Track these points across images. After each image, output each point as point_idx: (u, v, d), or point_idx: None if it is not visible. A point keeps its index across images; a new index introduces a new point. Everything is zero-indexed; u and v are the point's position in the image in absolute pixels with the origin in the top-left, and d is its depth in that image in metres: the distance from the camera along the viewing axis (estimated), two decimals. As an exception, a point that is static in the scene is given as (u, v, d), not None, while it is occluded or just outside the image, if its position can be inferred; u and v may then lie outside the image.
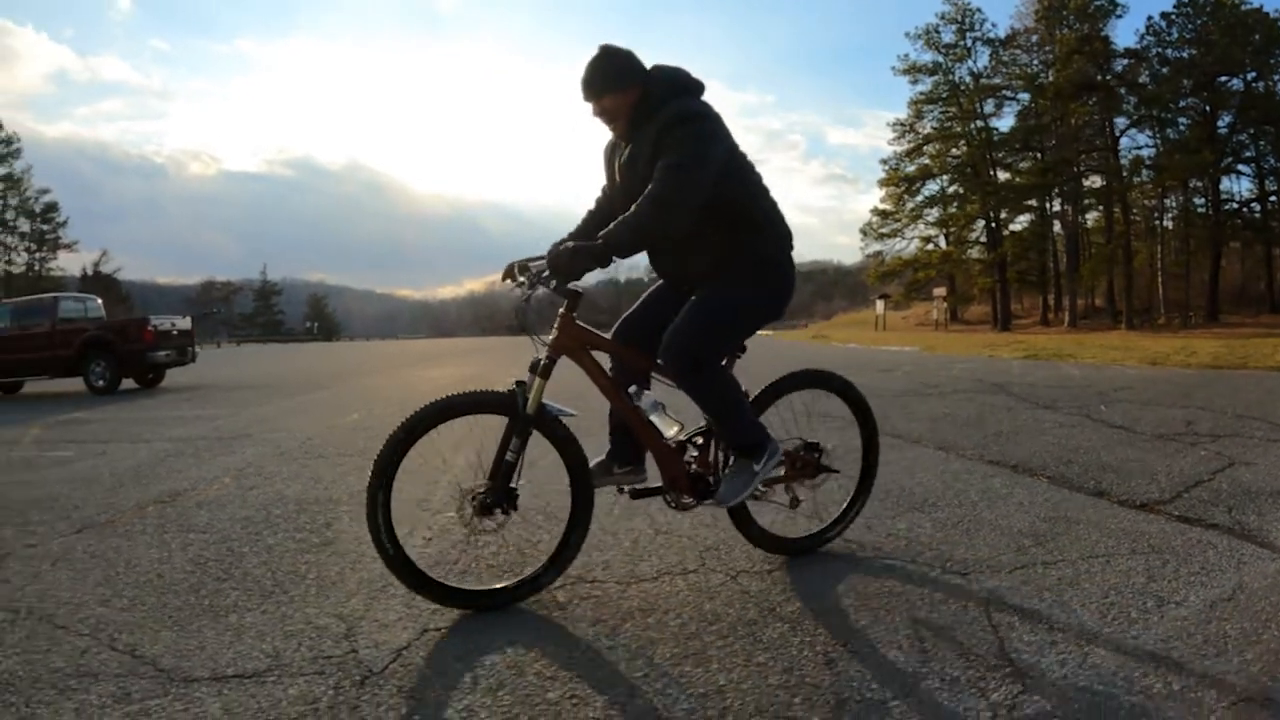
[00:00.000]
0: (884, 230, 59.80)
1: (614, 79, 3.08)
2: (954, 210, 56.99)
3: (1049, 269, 55.47)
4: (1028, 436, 6.68)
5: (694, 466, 3.29)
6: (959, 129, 55.40)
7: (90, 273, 67.08)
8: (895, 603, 3.02)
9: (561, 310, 3.06)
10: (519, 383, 2.99)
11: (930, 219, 58.71)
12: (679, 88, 3.11)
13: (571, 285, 2.99)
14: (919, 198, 58.55)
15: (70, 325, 16.06)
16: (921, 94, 56.86)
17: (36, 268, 64.47)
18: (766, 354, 21.83)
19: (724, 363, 3.24)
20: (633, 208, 2.88)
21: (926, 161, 57.56)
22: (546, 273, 2.92)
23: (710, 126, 3.01)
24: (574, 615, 3.00)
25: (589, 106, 3.14)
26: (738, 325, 3.21)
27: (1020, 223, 54.75)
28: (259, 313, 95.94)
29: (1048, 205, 52.58)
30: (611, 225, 2.89)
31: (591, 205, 3.52)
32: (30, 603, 3.32)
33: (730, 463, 3.29)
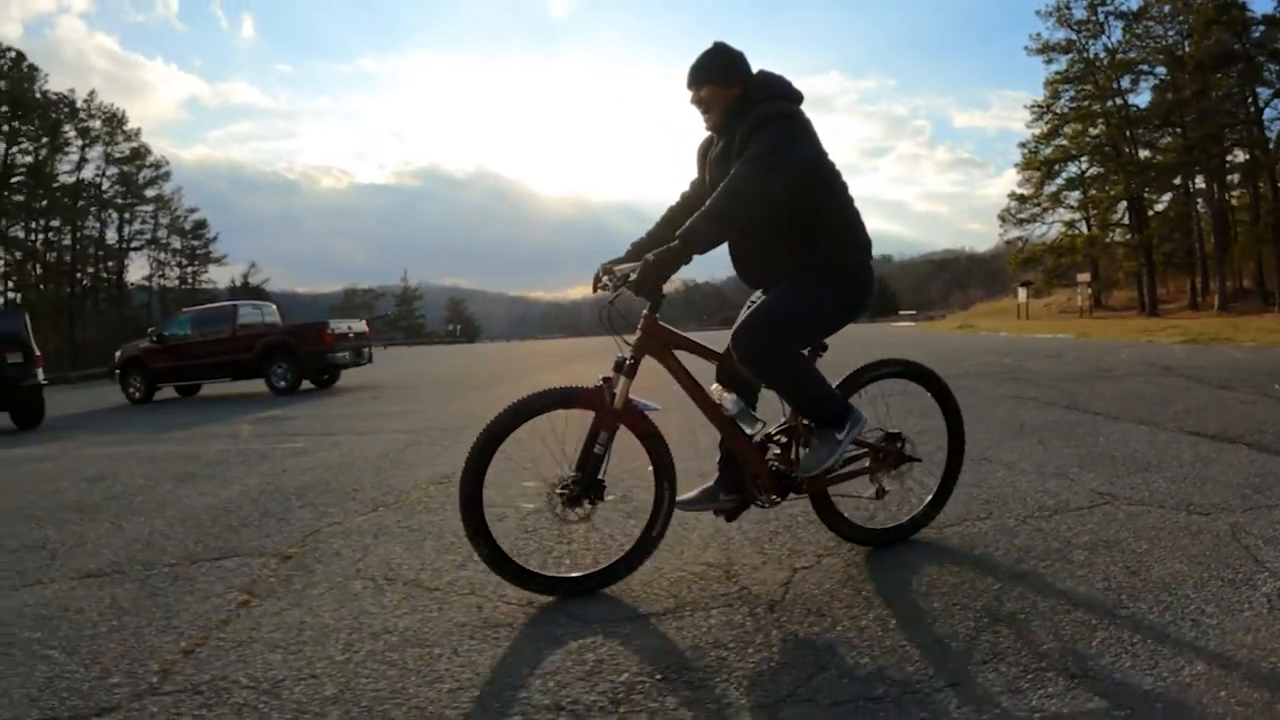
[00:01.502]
0: (1022, 215, 57.76)
1: (718, 72, 3.20)
2: (1095, 192, 54.69)
3: (1194, 250, 52.63)
4: (1214, 412, 6.93)
5: (776, 464, 3.32)
6: (1096, 107, 53.08)
7: (239, 284, 70.51)
8: (1164, 537, 3.49)
9: (645, 311, 3.15)
10: (605, 379, 3.10)
11: (1071, 202, 56.46)
12: (777, 92, 3.20)
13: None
14: (1059, 181, 56.37)
15: (249, 330, 17.12)
16: (1057, 74, 54.60)
17: (189, 281, 68.61)
18: (916, 344, 21.48)
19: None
20: (708, 201, 2.96)
21: (1064, 143, 55.39)
22: (634, 277, 2.96)
23: (798, 129, 3.07)
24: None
25: (689, 95, 3.27)
26: (809, 321, 3.20)
27: (1163, 202, 52.09)
28: (401, 317, 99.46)
29: (1191, 184, 49.92)
30: (688, 221, 2.96)
31: (675, 200, 3.63)
32: (383, 570, 3.61)
33: (811, 438, 3.30)
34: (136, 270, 67.08)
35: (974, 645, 2.48)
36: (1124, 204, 52.73)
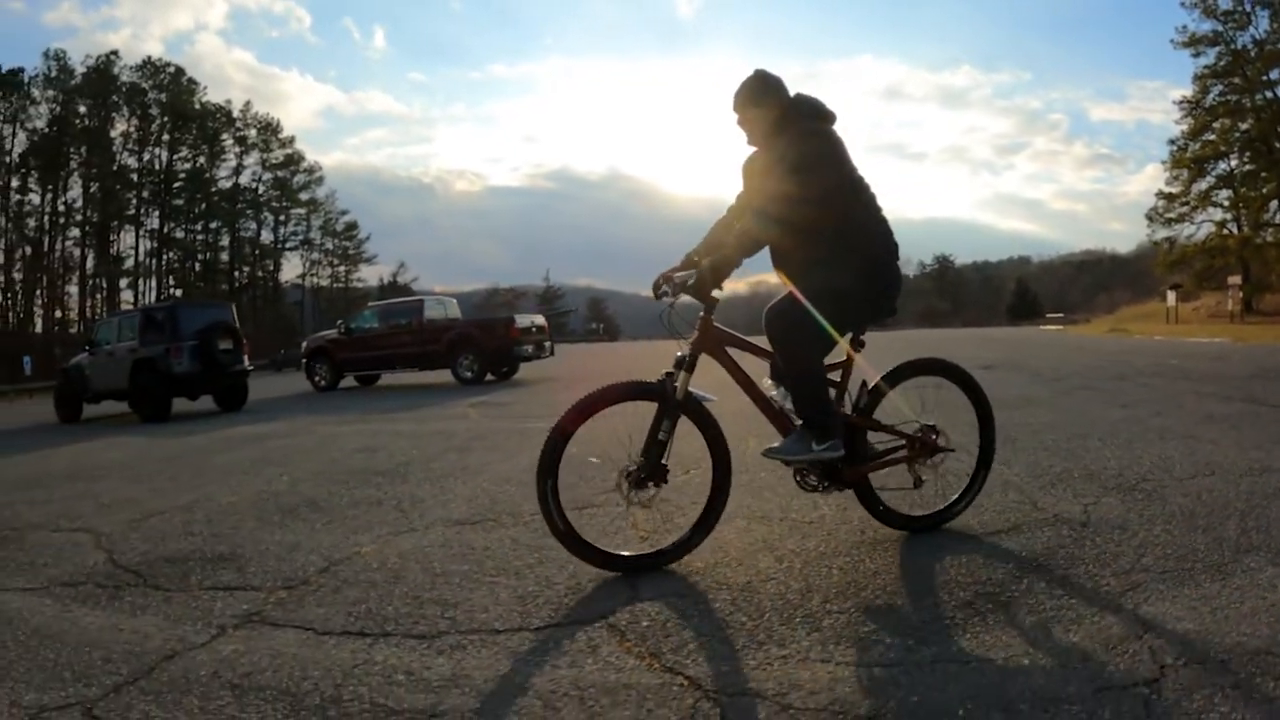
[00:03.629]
0: (1170, 215, 54.99)
1: (757, 96, 3.56)
2: (1246, 191, 51.54)
3: (1357, 253, 48.79)
4: None
5: None
6: (1246, 102, 50.03)
7: (387, 282, 73.39)
8: None
9: (701, 314, 3.47)
10: (668, 374, 3.39)
11: (1221, 201, 53.36)
12: (812, 113, 3.54)
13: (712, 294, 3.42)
14: (1208, 179, 53.40)
15: (435, 324, 17.78)
16: (1205, 68, 51.78)
17: (342, 280, 72.39)
18: (1080, 348, 20.81)
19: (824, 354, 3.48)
20: (751, 210, 3.44)
21: (1213, 139, 52.44)
22: (691, 282, 3.35)
23: (827, 146, 3.44)
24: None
25: (734, 116, 3.62)
26: (834, 310, 3.41)
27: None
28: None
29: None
30: (736, 229, 3.44)
31: (724, 213, 3.95)
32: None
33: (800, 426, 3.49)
34: (290, 270, 71.08)
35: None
36: (1275, 203, 49.65)
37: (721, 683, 2.29)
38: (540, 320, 18.92)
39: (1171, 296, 52.94)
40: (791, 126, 3.46)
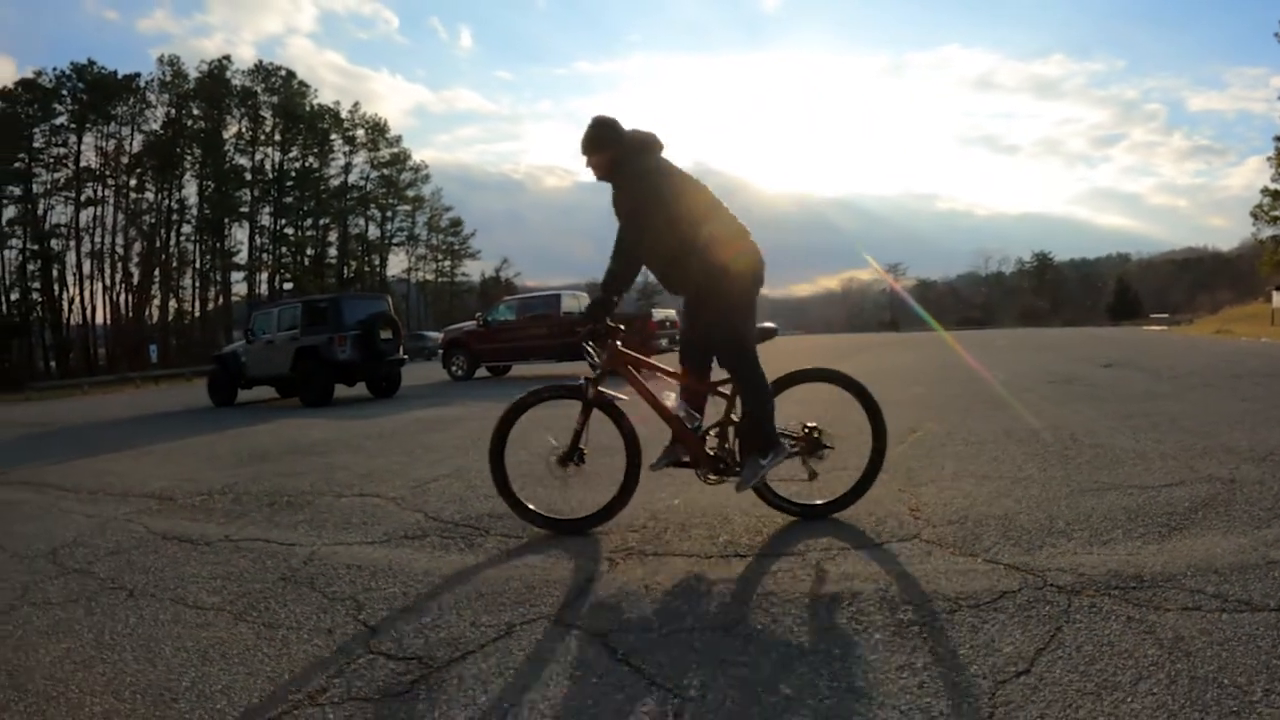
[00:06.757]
0: (1276, 213, 52.91)
1: (595, 144, 4.21)
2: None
3: None
4: None
5: (713, 450, 4.24)
6: None
7: (490, 277, 75.16)
8: None
9: (609, 341, 4.32)
10: (586, 378, 4.28)
11: (1330, 197, 51.11)
12: (641, 148, 4.20)
13: (610, 323, 4.30)
14: (1317, 173, 51.06)
15: (572, 316, 18.43)
16: (1314, 58, 49.55)
17: (447, 274, 74.80)
18: (1193, 349, 20.39)
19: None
20: (611, 258, 4.25)
21: (1319, 131, 49.99)
22: (584, 314, 4.39)
23: (651, 182, 4.07)
24: None
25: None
26: (737, 323, 4.12)
27: None
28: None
29: None
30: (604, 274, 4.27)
31: None
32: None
33: (741, 454, 4.17)
34: (395, 264, 73.36)
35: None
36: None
37: (1028, 564, 3.29)
38: (673, 314, 19.45)
39: (1277, 297, 50.80)
40: (624, 168, 4.14)
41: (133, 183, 63.76)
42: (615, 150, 4.20)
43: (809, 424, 4.28)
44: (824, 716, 2.19)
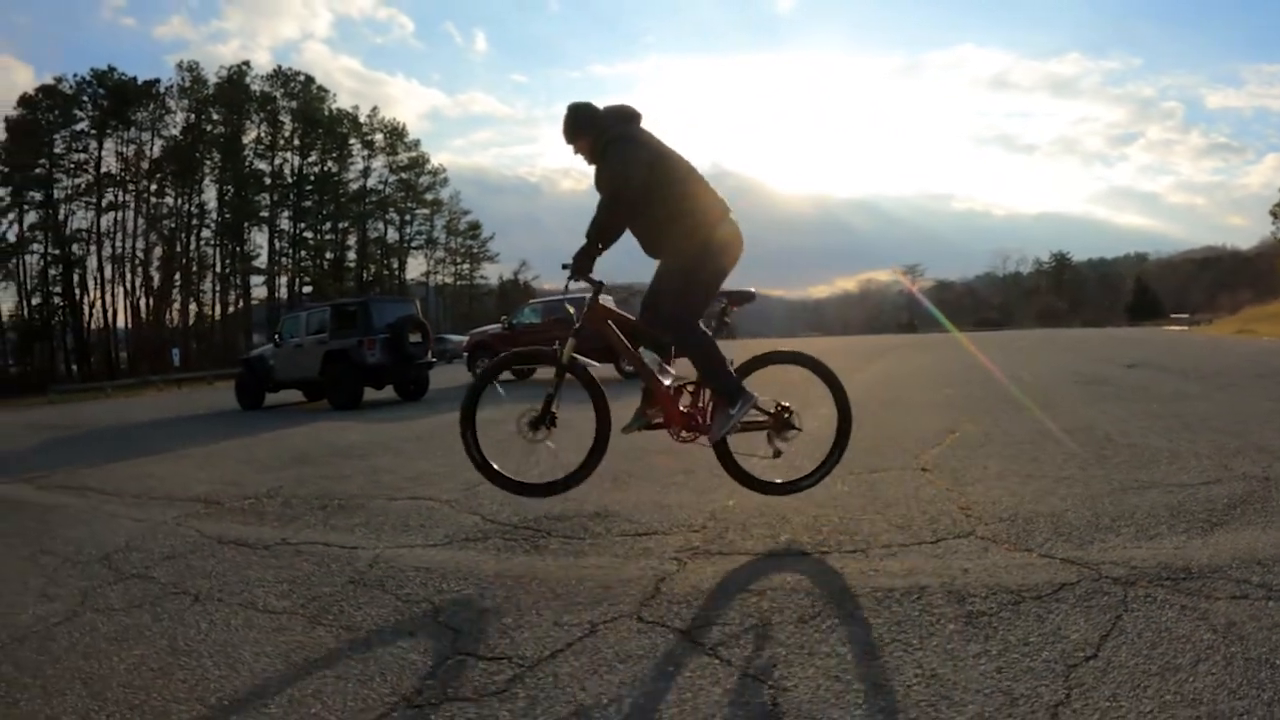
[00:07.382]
0: (1296, 211, 52.56)
1: (573, 130, 4.42)
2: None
3: None
4: None
5: (686, 408, 4.38)
6: None
7: (508, 280, 75.65)
8: None
9: (589, 296, 4.40)
10: (559, 342, 4.35)
11: (1349, 194, 50.70)
12: (620, 119, 4.38)
13: (592, 278, 4.34)
14: (1337, 170, 50.64)
15: (597, 320, 18.57)
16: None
17: (466, 277, 75.56)
18: (1218, 349, 20.47)
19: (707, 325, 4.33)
20: (596, 208, 4.33)
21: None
22: (571, 271, 4.33)
23: (627, 147, 4.22)
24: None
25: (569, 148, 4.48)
26: (691, 288, 4.27)
27: None
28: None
29: None
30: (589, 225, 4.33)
31: None
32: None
33: (713, 409, 4.31)
34: (414, 268, 73.88)
35: None
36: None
37: (1082, 558, 3.48)
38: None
39: (1295, 296, 50.45)
40: (609, 146, 4.28)
41: (153, 188, 64.52)
42: (594, 131, 4.39)
43: (783, 403, 4.43)
44: (914, 702, 2.34)
